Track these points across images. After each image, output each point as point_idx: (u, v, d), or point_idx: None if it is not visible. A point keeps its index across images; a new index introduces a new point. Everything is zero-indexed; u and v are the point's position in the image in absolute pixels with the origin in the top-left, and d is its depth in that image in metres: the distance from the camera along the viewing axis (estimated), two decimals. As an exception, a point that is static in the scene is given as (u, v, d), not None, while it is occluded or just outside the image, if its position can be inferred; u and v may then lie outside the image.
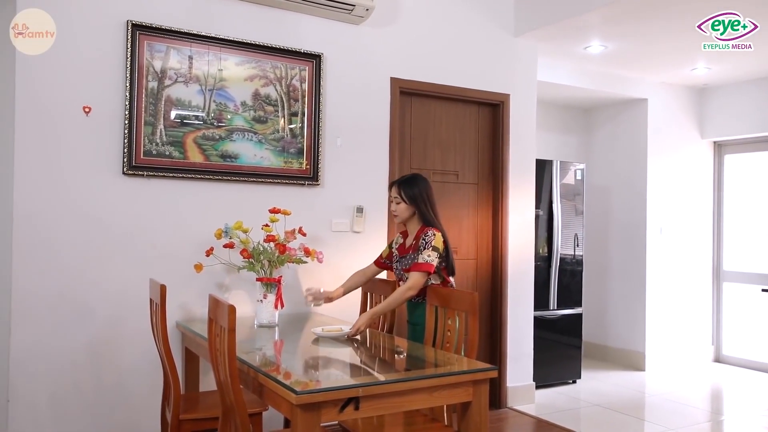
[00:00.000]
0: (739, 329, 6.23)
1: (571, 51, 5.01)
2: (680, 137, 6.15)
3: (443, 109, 4.43)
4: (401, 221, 3.21)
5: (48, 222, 3.11)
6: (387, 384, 2.18)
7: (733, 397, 5.30)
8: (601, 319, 6.26)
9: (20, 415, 3.05)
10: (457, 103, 4.48)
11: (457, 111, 4.49)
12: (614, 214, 6.20)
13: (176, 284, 3.31)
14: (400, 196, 3.12)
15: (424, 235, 3.02)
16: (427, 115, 4.37)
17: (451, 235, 4.35)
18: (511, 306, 4.59)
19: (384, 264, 3.33)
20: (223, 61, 3.52)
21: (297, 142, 3.73)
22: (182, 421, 2.72)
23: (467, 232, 4.54)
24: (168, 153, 3.37)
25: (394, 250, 3.27)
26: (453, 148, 4.48)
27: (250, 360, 2.41)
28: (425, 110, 4.37)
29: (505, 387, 4.56)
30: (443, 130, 4.44)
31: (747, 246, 6.19)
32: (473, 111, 4.57)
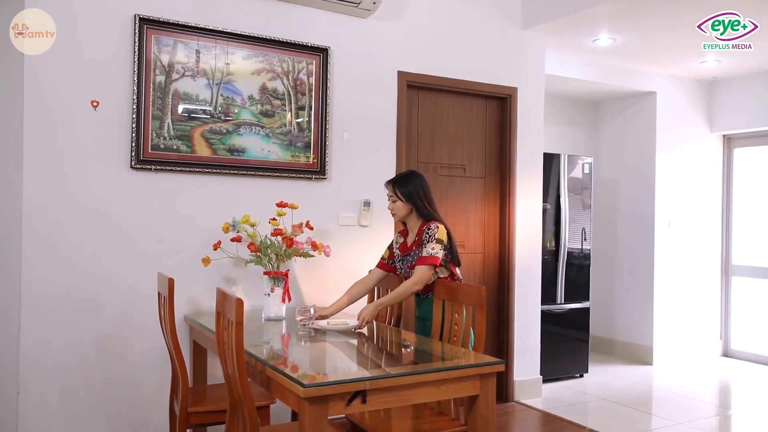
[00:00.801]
0: (748, 323, 6.20)
1: (580, 44, 4.98)
2: (689, 131, 6.12)
3: (450, 102, 4.42)
4: (399, 219, 3.18)
5: (56, 216, 3.12)
6: (394, 377, 2.18)
7: (741, 392, 5.28)
8: (609, 313, 6.24)
9: (30, 407, 3.08)
10: (465, 96, 4.47)
11: (464, 105, 4.48)
12: (622, 208, 6.18)
13: (184, 278, 3.33)
14: (396, 195, 3.08)
15: (426, 229, 3.00)
16: (434, 108, 4.36)
17: (459, 230, 4.36)
18: (519, 300, 4.58)
19: (388, 266, 3.25)
20: (230, 55, 3.52)
21: (304, 136, 3.74)
22: (190, 414, 2.74)
23: (474, 226, 4.53)
24: (175, 147, 3.37)
25: (395, 251, 3.22)
26: (460, 141, 4.46)
27: (258, 353, 2.42)
28: (432, 104, 4.35)
29: (512, 381, 4.56)
30: (450, 124, 4.43)
31: (756, 240, 6.15)
32: (481, 105, 4.56)
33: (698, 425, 4.15)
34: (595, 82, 5.59)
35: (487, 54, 4.46)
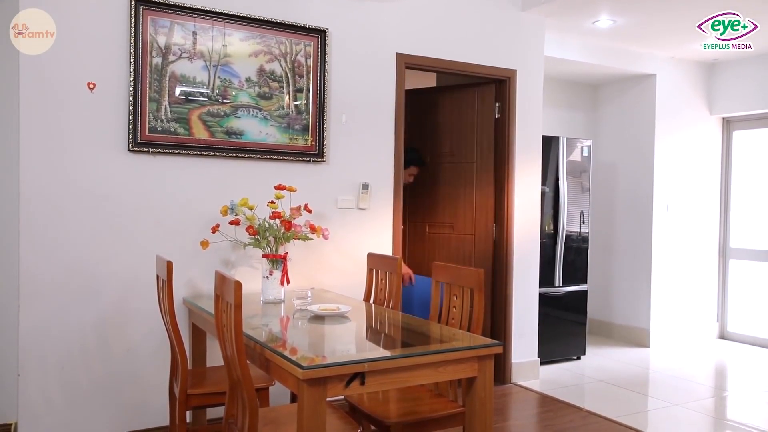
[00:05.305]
0: (745, 306, 6.23)
1: (579, 26, 4.94)
2: (688, 113, 6.09)
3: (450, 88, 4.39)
4: None
5: (54, 200, 3.12)
6: (392, 359, 2.20)
7: (737, 374, 5.32)
8: (606, 295, 6.26)
9: (30, 390, 3.09)
10: (464, 78, 4.44)
11: (463, 89, 4.45)
12: (621, 191, 6.17)
13: (183, 261, 3.33)
14: None
15: None
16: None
17: (456, 212, 4.35)
18: (517, 283, 4.59)
19: None
20: (227, 37, 3.49)
21: (302, 118, 3.72)
22: (190, 396, 2.75)
23: (470, 208, 4.52)
24: (173, 129, 3.36)
25: None
26: (459, 124, 4.44)
27: (257, 336, 2.43)
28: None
29: (509, 363, 4.58)
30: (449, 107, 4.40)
31: (754, 223, 6.16)
32: (479, 87, 4.53)
33: (694, 406, 4.19)
34: (594, 65, 5.55)
35: (486, 36, 4.42)
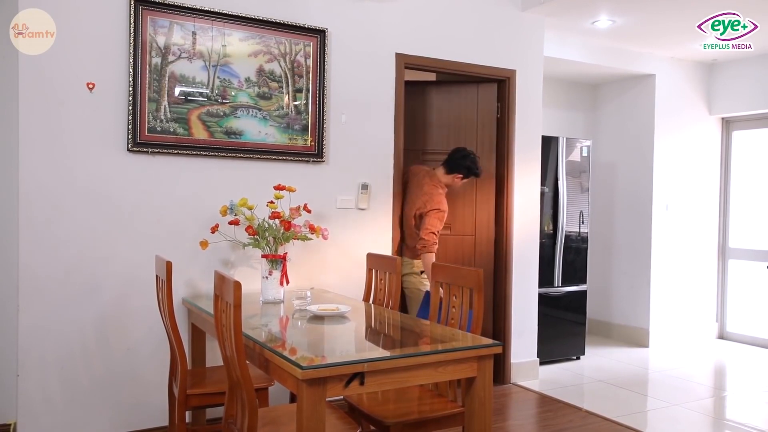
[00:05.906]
0: (744, 306, 6.24)
1: (579, 26, 4.94)
2: (688, 113, 6.10)
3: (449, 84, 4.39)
4: None
5: (53, 199, 3.11)
6: (392, 359, 2.20)
7: (736, 374, 5.32)
8: (606, 296, 6.27)
9: (29, 389, 3.09)
10: (464, 78, 4.44)
11: (462, 87, 4.45)
12: (620, 191, 6.18)
13: (182, 261, 3.33)
14: None
15: None
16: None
17: (455, 212, 4.35)
18: (516, 283, 4.59)
19: None
20: (227, 37, 3.49)
21: (301, 118, 3.72)
22: (189, 396, 2.75)
23: (470, 208, 4.52)
24: (172, 130, 3.36)
25: None
26: (458, 124, 4.44)
27: (256, 336, 2.43)
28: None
29: (509, 363, 4.58)
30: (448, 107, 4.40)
31: (753, 223, 6.16)
32: (480, 84, 4.53)
33: (693, 406, 4.19)
34: (594, 65, 5.55)
35: (485, 36, 4.42)
